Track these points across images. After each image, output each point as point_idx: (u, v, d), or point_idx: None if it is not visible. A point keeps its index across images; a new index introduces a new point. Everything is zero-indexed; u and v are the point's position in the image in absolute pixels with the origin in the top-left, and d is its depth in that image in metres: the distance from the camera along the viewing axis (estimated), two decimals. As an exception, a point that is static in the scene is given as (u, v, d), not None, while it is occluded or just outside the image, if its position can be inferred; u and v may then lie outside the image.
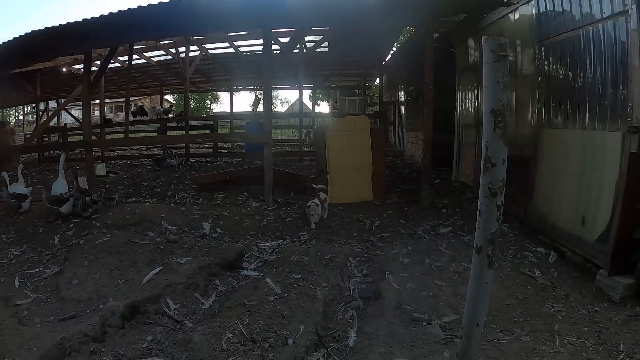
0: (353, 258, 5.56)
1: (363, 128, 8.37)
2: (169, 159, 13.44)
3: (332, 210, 7.63)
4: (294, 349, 3.61)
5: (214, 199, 8.66)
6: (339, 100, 25.89)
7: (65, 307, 4.45)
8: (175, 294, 4.61)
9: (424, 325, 3.90)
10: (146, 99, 32.79)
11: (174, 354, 3.69)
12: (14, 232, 6.77)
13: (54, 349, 3.57)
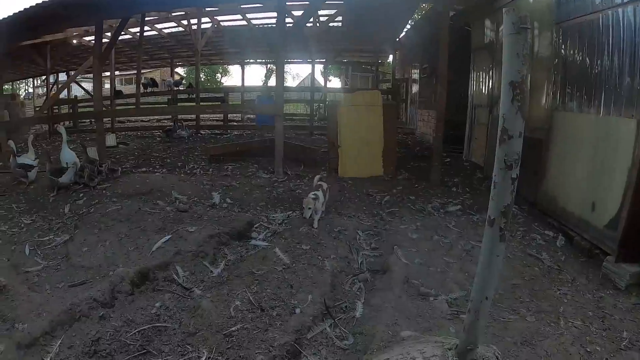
0: (362, 231, 5.59)
1: (376, 103, 8.32)
2: (179, 131, 13.52)
3: (342, 184, 7.70)
4: (301, 317, 3.69)
5: (224, 170, 8.72)
6: (350, 77, 25.65)
7: (75, 273, 4.54)
8: (185, 261, 4.67)
9: (431, 300, 3.95)
10: (156, 72, 32.75)
11: (182, 320, 3.76)
12: (25, 201, 6.86)
13: (64, 314, 3.65)
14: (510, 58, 2.12)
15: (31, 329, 3.47)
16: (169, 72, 23.97)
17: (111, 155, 10.02)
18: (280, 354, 3.30)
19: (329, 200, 6.70)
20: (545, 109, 6.31)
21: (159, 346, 3.47)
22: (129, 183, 7.13)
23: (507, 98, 2.11)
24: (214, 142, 12.99)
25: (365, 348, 3.32)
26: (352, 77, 25.62)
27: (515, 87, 2.08)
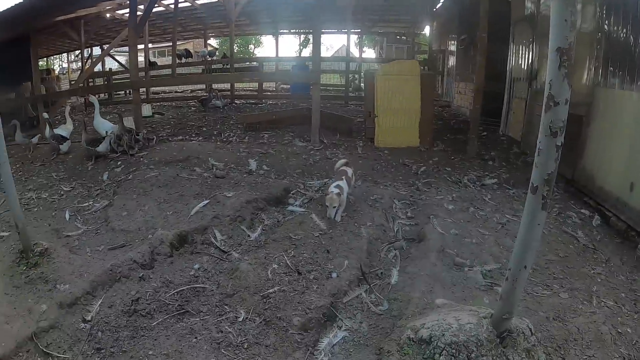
0: (398, 200, 5.56)
1: (413, 73, 8.18)
2: (214, 100, 13.61)
3: (377, 153, 7.68)
4: (337, 282, 3.73)
5: (260, 138, 8.74)
6: (385, 48, 25.10)
7: (114, 237, 4.69)
8: (222, 225, 4.75)
9: (466, 270, 3.94)
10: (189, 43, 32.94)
11: (220, 282, 3.84)
12: (64, 170, 7.09)
13: (105, 274, 3.78)
14: (557, 24, 2.08)
15: (72, 289, 3.61)
16: (202, 44, 24.07)
17: (147, 124, 10.21)
18: (317, 317, 3.36)
19: (365, 168, 6.66)
20: (586, 85, 6.06)
21: (198, 306, 3.57)
22: (166, 151, 7.24)
23: (554, 64, 2.08)
24: (249, 111, 13.05)
25: (400, 314, 3.33)
26: (386, 48, 25.11)
27: (562, 53, 2.05)
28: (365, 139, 8.61)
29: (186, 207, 5.12)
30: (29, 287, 3.76)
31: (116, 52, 21.77)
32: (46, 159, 7.79)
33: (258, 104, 15.06)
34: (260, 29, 23.51)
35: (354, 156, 7.48)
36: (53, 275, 3.84)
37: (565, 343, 3.00)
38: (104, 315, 3.42)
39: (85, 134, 7.49)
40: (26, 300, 3.58)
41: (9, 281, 3.86)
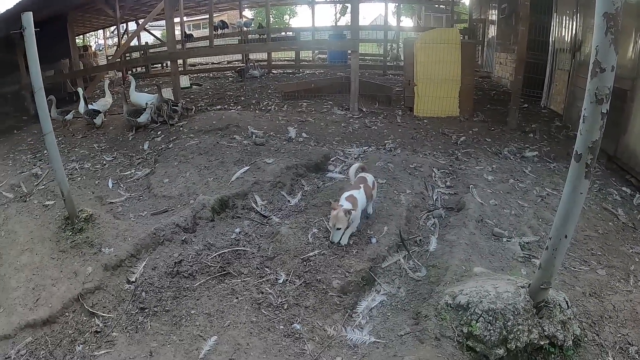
0: (437, 169, 5.55)
1: (454, 41, 8.01)
2: (251, 70, 13.71)
3: (417, 123, 7.65)
4: (376, 247, 3.81)
5: (298, 106, 8.79)
6: (423, 17, 24.53)
7: (157, 203, 4.89)
8: (263, 191, 4.86)
9: (504, 241, 3.95)
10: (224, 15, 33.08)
11: (261, 245, 3.97)
12: (105, 141, 7.33)
13: (148, 238, 3.97)
14: (605, -13, 2.02)
15: (117, 252, 3.82)
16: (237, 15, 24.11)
17: (185, 95, 10.37)
18: (356, 280, 3.45)
19: (404, 137, 6.61)
20: (632, 58, 5.77)
21: (239, 268, 3.70)
22: (205, 120, 7.37)
23: (600, 30, 2.06)
24: (287, 80, 13.08)
25: (437, 280, 3.37)
26: (424, 17, 24.55)
27: (609, 18, 2.03)
28: (404, 108, 8.55)
29: (227, 174, 5.24)
30: (75, 251, 4.00)
31: (151, 27, 22.12)
32: (87, 131, 8.06)
33: (295, 74, 15.06)
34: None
35: (393, 125, 7.48)
36: (98, 240, 4.06)
37: (600, 320, 3.01)
38: (148, 277, 3.61)
39: (127, 106, 7.70)
40: (72, 264, 3.82)
41: (55, 246, 4.12)
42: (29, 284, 3.62)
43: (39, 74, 3.99)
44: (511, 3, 11.50)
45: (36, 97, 4.04)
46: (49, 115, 8.49)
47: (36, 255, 4.00)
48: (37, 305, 3.41)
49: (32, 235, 4.37)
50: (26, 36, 3.87)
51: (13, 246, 4.26)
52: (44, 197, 5.41)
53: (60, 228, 4.39)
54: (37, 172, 6.42)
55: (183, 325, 3.20)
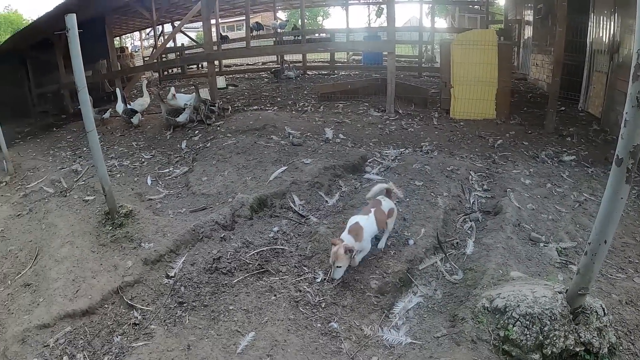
0: (474, 172, 5.52)
1: (490, 42, 7.92)
2: (287, 71, 13.84)
3: (453, 125, 7.61)
4: (414, 249, 3.82)
5: (334, 107, 8.83)
6: (457, 17, 24.30)
7: (195, 200, 5.00)
8: (301, 191, 4.91)
9: (541, 246, 3.90)
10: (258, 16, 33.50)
11: (299, 244, 4.02)
12: (143, 139, 7.52)
13: (188, 234, 4.06)
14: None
15: (157, 247, 3.92)
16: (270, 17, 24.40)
17: (222, 96, 10.55)
18: (393, 281, 3.47)
19: (441, 139, 6.60)
20: None
21: (277, 266, 3.76)
22: (242, 120, 7.49)
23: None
24: (322, 81, 13.13)
25: (474, 284, 3.36)
26: (459, 18, 24.32)
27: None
28: (440, 110, 8.52)
29: (265, 173, 5.33)
30: (115, 245, 4.12)
31: (186, 28, 22.56)
32: (125, 129, 8.28)
33: (330, 75, 15.13)
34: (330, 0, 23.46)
35: (430, 127, 7.46)
36: (138, 235, 4.18)
37: (636, 328, 2.95)
38: (187, 272, 3.68)
39: (164, 105, 7.88)
40: (112, 257, 3.93)
41: (95, 240, 4.26)
42: (69, 276, 3.72)
43: (82, 74, 4.12)
44: (547, 3, 11.31)
45: (79, 96, 4.18)
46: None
47: (76, 248, 4.11)
48: (77, 296, 3.49)
49: (72, 229, 4.50)
50: (70, 37, 4.01)
51: (53, 239, 4.39)
52: (84, 193, 5.59)
53: (100, 223, 4.53)
54: (76, 168, 6.63)
55: (221, 320, 3.25)
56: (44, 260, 4.06)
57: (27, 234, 4.84)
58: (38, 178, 6.77)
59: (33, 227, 4.95)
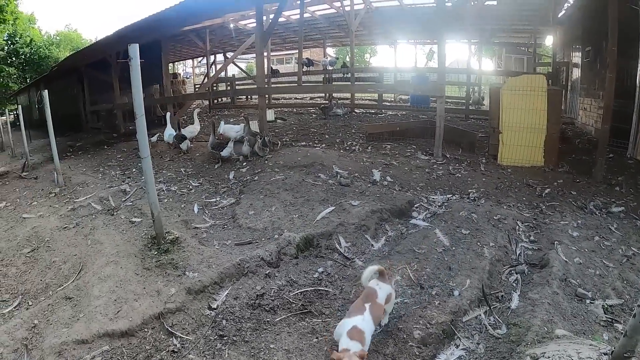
0: (521, 222, 5.43)
1: (540, 88, 7.89)
2: (335, 108, 14.06)
3: (500, 172, 7.55)
4: (458, 300, 3.74)
5: (382, 148, 8.89)
6: (504, 58, 24.28)
7: (241, 233, 5.09)
8: (347, 233, 4.93)
9: (587, 303, 3.79)
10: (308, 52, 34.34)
11: (343, 287, 4.01)
12: (192, 167, 7.74)
13: (233, 268, 4.12)
14: None
15: (201, 278, 3.97)
16: (319, 52, 24.99)
17: (270, 129, 10.75)
18: (436, 332, 3.40)
19: (488, 187, 6.57)
20: None
21: (320, 308, 3.75)
22: (290, 155, 7.64)
23: None
24: (369, 121, 13.28)
25: (518, 340, 3.27)
26: (505, 59, 24.28)
27: None
28: (488, 155, 8.46)
29: (312, 212, 5.39)
30: (159, 270, 4.21)
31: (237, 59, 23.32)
32: (175, 155, 8.52)
33: (377, 114, 15.24)
34: (379, 39, 23.90)
35: (477, 173, 7.42)
36: (183, 263, 4.27)
37: None
38: (229, 306, 3.71)
39: (213, 137, 8.10)
40: (155, 282, 4.01)
41: (140, 263, 4.36)
42: (111, 295, 3.80)
43: (141, 102, 4.31)
44: (595, 46, 11.17)
45: (137, 123, 4.33)
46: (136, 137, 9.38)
47: (121, 268, 4.22)
48: (118, 316, 3.55)
49: (117, 249, 4.64)
50: (132, 66, 4.22)
51: (98, 256, 4.54)
52: (131, 214, 5.77)
53: (146, 246, 4.65)
54: (125, 188, 6.85)
55: (261, 358, 3.25)
56: (87, 276, 4.18)
57: (72, 247, 5.03)
58: (87, 194, 7.05)
59: (78, 242, 5.14)
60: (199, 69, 33.88)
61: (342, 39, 22.09)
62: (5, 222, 6.53)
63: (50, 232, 5.61)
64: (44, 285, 4.40)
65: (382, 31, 20.14)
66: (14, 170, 10.63)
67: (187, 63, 34.65)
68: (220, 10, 11.89)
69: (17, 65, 37.81)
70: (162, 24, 10.88)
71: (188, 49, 22.49)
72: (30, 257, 5.06)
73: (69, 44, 42.41)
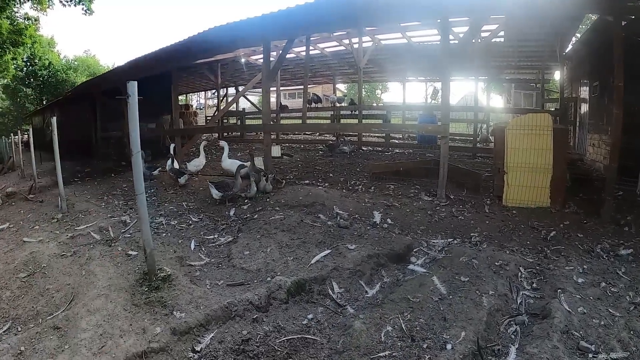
0: (524, 268, 5.22)
1: (545, 127, 7.77)
2: (341, 146, 14.04)
3: (505, 214, 7.35)
4: (451, 354, 3.53)
5: (385, 188, 8.78)
6: (513, 94, 24.34)
7: (234, 274, 4.98)
8: (341, 278, 4.79)
9: (590, 357, 3.58)
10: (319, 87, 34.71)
11: (332, 337, 3.84)
12: (194, 201, 7.71)
13: (220, 310, 4.00)
14: None
15: (187, 319, 3.87)
16: (330, 88, 25.24)
17: (275, 165, 10.75)
18: None
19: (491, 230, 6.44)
20: None
21: (305, 357, 3.59)
22: (292, 194, 7.59)
23: None
24: (376, 159, 13.20)
25: None
26: (514, 95, 24.35)
27: None
28: (493, 196, 8.28)
29: (307, 255, 5.28)
30: (147, 307, 4.13)
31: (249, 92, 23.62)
32: (178, 187, 8.50)
33: (385, 152, 15.18)
34: (387, 75, 24.13)
35: (481, 215, 7.24)
36: (171, 302, 4.18)
37: None
38: (213, 349, 3.59)
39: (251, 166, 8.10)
40: (142, 320, 3.92)
41: (130, 298, 4.28)
42: (97, 329, 3.75)
43: (137, 138, 4.30)
44: (603, 81, 11.08)
45: (133, 160, 4.35)
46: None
47: (110, 302, 4.17)
48: (102, 351, 3.48)
49: (110, 282, 4.61)
50: (129, 103, 4.22)
51: (90, 288, 4.51)
52: (128, 246, 5.74)
53: (137, 281, 4.59)
54: (126, 219, 6.81)
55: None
56: (77, 307, 4.14)
57: (66, 276, 5.01)
58: (88, 222, 7.03)
59: (74, 271, 5.12)
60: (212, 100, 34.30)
61: (352, 76, 22.30)
62: (5, 244, 6.62)
63: (48, 259, 5.62)
64: (35, 312, 4.38)
65: (390, 68, 20.30)
66: (21, 191, 10.71)
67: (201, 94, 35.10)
68: (227, 47, 12.07)
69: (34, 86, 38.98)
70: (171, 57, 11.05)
71: (200, 81, 22.88)
72: (26, 282, 5.08)
73: (86, 69, 43.41)
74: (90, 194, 9.46)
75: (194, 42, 9.80)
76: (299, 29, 9.44)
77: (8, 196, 10.44)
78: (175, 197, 8.11)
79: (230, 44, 11.24)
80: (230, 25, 8.54)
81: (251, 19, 8.11)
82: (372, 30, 14.96)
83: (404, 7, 7.79)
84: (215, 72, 18.96)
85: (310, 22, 8.99)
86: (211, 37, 9.44)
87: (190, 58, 12.79)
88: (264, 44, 10.00)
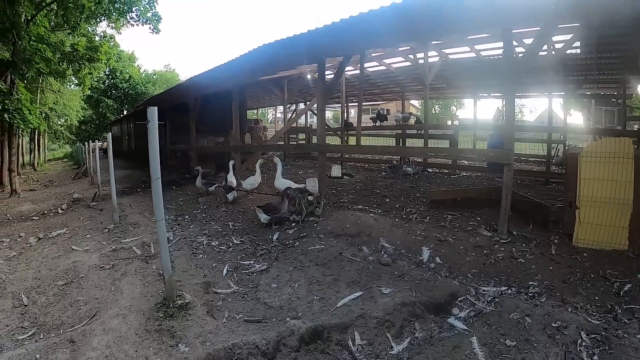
0: (586, 333, 4.28)
1: (625, 154, 6.64)
2: (405, 167, 13.49)
3: (573, 257, 6.29)
4: None
5: (442, 219, 8.05)
6: (593, 111, 22.58)
7: (255, 308, 4.65)
8: (366, 327, 4.23)
9: None
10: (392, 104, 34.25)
11: None
12: (241, 221, 7.57)
13: (223, 351, 3.68)
14: None
15: (189, 355, 3.65)
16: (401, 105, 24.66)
17: (333, 186, 10.46)
18: None
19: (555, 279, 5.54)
20: None
21: None
22: (340, 221, 7.16)
23: None
24: (440, 182, 12.49)
25: None
26: (595, 112, 22.58)
27: None
28: (562, 234, 7.14)
29: (335, 295, 4.80)
30: (157, 335, 3.98)
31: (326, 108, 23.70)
32: (230, 205, 8.36)
33: (451, 175, 14.38)
34: (457, 91, 23.07)
35: (545, 257, 6.25)
36: (180, 333, 4.00)
37: None
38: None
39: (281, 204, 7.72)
40: (148, 348, 3.80)
41: (144, 322, 4.19)
42: (105, 350, 3.73)
43: (157, 165, 4.32)
44: None
45: (152, 186, 4.36)
46: (195, 183, 9.73)
47: (125, 324, 4.13)
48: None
49: (132, 302, 4.59)
50: (149, 128, 4.27)
51: (113, 305, 4.56)
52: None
53: (156, 305, 4.48)
54: (169, 236, 6.67)
55: None
56: (96, 323, 4.18)
57: (97, 289, 5.11)
58: (134, 235, 7.07)
59: (105, 285, 5.19)
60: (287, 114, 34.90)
61: (420, 92, 21.58)
62: (56, 250, 6.85)
63: (87, 269, 5.75)
64: (60, 321, 4.53)
65: (459, 84, 19.35)
66: (86, 198, 11.01)
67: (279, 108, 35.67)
68: (283, 65, 12.03)
69: (115, 98, 42.36)
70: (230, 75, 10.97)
71: (270, 97, 23.18)
72: (62, 290, 5.29)
73: (165, 83, 45.99)
74: (146, 206, 9.55)
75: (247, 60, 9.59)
76: (348, 46, 8.95)
77: (74, 202, 10.79)
78: (225, 215, 7.95)
79: (287, 64, 11.13)
80: (279, 42, 8.05)
81: (297, 35, 7.60)
82: (439, 44, 14.25)
83: (458, 17, 6.95)
84: (282, 87, 19.08)
85: (362, 39, 8.45)
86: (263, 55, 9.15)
87: (249, 75, 12.69)
88: (317, 61, 9.68)
